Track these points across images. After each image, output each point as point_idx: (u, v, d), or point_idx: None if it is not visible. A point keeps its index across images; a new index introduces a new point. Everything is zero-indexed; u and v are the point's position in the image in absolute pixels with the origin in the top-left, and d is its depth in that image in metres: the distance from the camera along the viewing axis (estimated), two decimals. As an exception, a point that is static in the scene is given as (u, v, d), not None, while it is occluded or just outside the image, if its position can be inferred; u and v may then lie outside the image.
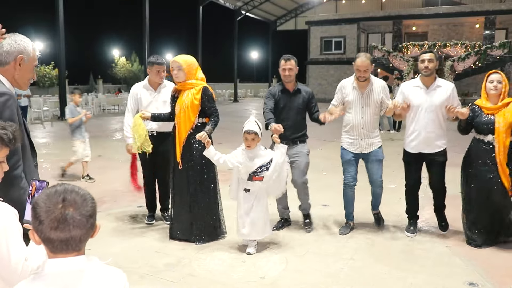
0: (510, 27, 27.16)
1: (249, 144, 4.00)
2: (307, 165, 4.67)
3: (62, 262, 1.29)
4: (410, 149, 4.49)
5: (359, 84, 4.52)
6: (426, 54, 4.36)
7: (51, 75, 26.85)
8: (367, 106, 4.51)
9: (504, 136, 4.00)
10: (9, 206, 1.63)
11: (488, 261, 3.92)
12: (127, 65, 37.84)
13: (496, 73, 4.12)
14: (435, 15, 27.63)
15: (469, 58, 23.08)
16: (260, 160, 4.01)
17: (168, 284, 3.48)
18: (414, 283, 3.50)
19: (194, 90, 4.28)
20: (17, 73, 2.24)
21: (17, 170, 2.07)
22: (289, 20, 37.83)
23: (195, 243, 4.29)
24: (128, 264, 3.81)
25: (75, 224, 1.26)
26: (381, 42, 29.55)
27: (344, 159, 4.65)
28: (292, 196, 4.81)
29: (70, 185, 1.33)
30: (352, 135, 4.58)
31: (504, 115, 4.02)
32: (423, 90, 4.39)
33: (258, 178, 4.01)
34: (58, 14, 16.62)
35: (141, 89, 4.85)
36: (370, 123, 4.54)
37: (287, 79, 4.59)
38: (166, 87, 4.85)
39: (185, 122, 4.25)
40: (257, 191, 4.06)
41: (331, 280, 3.56)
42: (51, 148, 10.75)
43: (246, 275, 3.65)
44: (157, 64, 4.72)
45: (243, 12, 31.91)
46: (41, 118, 16.93)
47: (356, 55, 4.57)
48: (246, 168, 4.01)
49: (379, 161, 4.59)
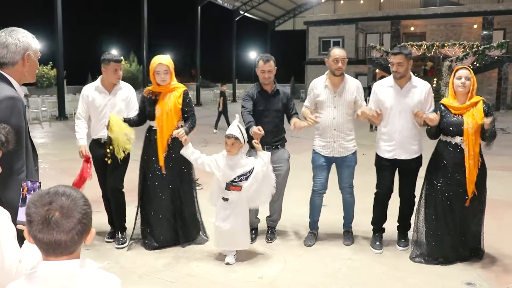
0: (508, 28, 27.19)
1: (229, 149, 3.79)
2: (288, 172, 4.45)
3: (53, 265, 1.28)
4: (383, 154, 4.14)
5: (332, 82, 4.23)
6: (395, 57, 3.96)
7: (49, 75, 26.77)
8: (340, 105, 4.20)
9: (474, 139, 3.66)
10: (1, 207, 1.63)
11: (485, 261, 3.93)
12: (126, 66, 37.77)
13: (464, 69, 3.76)
14: (433, 16, 27.66)
15: (467, 58, 23.11)
16: (241, 169, 3.79)
17: (167, 284, 3.49)
18: (413, 283, 3.51)
19: (176, 93, 4.14)
20: (26, 69, 2.25)
21: (21, 174, 2.06)
22: (288, 20, 37.84)
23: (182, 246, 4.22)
24: (127, 264, 3.82)
25: (59, 229, 1.23)
26: (379, 42, 29.57)
27: (315, 164, 4.35)
28: (294, 198, 4.80)
29: (65, 188, 1.30)
30: (324, 138, 4.28)
31: (473, 115, 3.67)
32: (396, 90, 4.05)
33: (236, 188, 3.78)
34: (56, 13, 16.61)
35: (93, 92, 4.30)
36: (343, 124, 4.22)
37: (266, 81, 4.29)
38: (122, 89, 4.36)
39: (168, 125, 4.07)
40: (236, 201, 3.83)
41: (330, 280, 3.57)
42: (50, 148, 10.74)
43: (245, 275, 3.65)
44: (114, 61, 4.18)
45: (241, 12, 31.92)
46: (40, 118, 16.92)
47: (330, 48, 4.28)
48: (224, 176, 3.80)
49: (351, 167, 4.34)
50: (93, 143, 4.37)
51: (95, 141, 4.35)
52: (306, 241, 4.38)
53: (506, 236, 4.60)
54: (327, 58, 4.23)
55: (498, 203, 5.81)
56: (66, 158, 8.30)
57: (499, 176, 7.30)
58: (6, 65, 2.19)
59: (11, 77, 2.19)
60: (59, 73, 17.73)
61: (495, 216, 5.22)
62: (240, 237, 3.90)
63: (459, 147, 3.72)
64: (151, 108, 4.13)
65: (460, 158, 3.70)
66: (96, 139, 4.35)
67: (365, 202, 4.86)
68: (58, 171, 7.62)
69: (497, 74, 24.68)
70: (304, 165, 5.47)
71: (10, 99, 2.07)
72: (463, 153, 3.69)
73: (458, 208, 3.77)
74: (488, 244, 4.31)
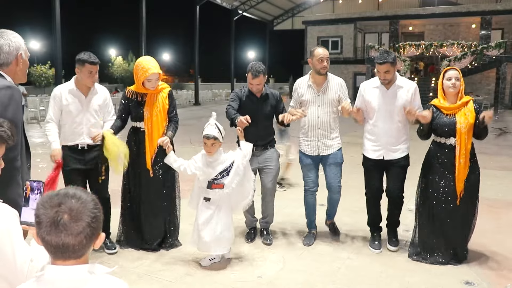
0: (506, 27, 27.22)
1: (209, 150, 3.69)
2: (278, 170, 4.50)
3: (61, 270, 1.26)
4: (370, 155, 4.14)
5: (315, 81, 4.26)
6: (381, 66, 3.89)
7: (48, 75, 26.76)
8: (323, 104, 4.23)
9: (466, 138, 3.68)
10: (9, 207, 1.62)
11: (484, 260, 3.94)
12: (124, 65, 37.79)
13: (453, 70, 3.79)
14: (432, 15, 27.66)
15: (466, 58, 23.13)
16: (221, 165, 3.71)
17: (165, 284, 3.48)
18: (411, 282, 3.52)
19: (163, 94, 4.07)
20: (19, 69, 2.34)
21: (17, 162, 2.11)
22: (286, 19, 37.80)
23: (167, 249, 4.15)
24: (125, 264, 3.81)
25: (67, 232, 1.22)
26: (378, 42, 29.60)
27: (303, 164, 4.39)
28: (293, 197, 4.81)
29: (75, 190, 1.29)
30: (308, 137, 4.31)
31: (465, 114, 3.70)
32: (382, 91, 4.04)
33: (218, 186, 3.70)
34: (54, 13, 16.56)
35: (67, 94, 3.93)
36: (328, 122, 4.25)
37: (256, 91, 4.26)
38: (98, 92, 4.06)
39: (158, 127, 4.00)
40: (218, 200, 3.74)
41: (328, 279, 3.57)
42: (48, 147, 10.69)
43: (244, 275, 3.65)
44: (89, 63, 3.81)
45: (240, 12, 31.87)
46: (38, 118, 16.88)
47: (312, 48, 4.29)
48: (205, 175, 3.73)
49: (337, 164, 4.30)
50: (66, 152, 3.94)
51: (69, 149, 3.96)
52: (305, 241, 4.40)
53: (505, 235, 4.61)
54: (310, 58, 4.25)
55: (496, 203, 5.82)
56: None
57: (497, 176, 7.32)
58: (0, 66, 2.27)
59: (5, 74, 2.28)
60: (57, 72, 17.70)
61: (494, 216, 5.23)
62: (223, 240, 3.77)
63: (454, 148, 3.72)
64: (137, 110, 4.04)
65: (454, 159, 3.72)
66: (70, 146, 3.97)
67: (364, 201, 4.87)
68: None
69: (495, 74, 24.70)
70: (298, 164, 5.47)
71: (8, 89, 2.15)
72: None
73: (451, 208, 3.77)
74: (487, 243, 4.33)
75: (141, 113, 4.01)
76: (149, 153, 4.02)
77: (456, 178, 3.71)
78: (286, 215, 5.17)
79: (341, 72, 29.32)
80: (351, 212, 5.10)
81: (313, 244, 4.34)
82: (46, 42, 22.91)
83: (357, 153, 4.52)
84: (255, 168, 4.27)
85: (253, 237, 4.47)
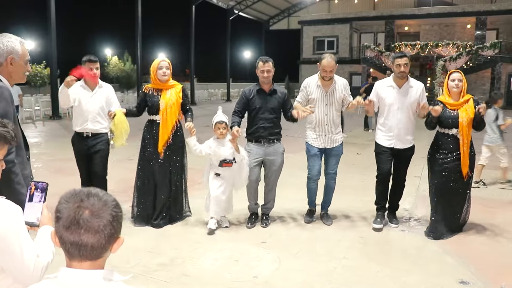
0: (501, 28, 27.36)
1: (221, 133, 4.60)
2: (282, 164, 4.82)
3: (76, 274, 1.24)
4: (383, 143, 4.73)
5: (323, 83, 4.70)
6: (401, 59, 4.59)
7: (43, 74, 26.57)
8: (331, 104, 4.72)
9: (467, 130, 4.40)
10: (13, 204, 1.61)
11: (479, 259, 3.96)
12: (120, 65, 37.64)
13: (457, 73, 4.51)
14: (427, 15, 27.78)
15: (461, 58, 23.24)
16: (227, 146, 4.58)
17: (161, 284, 3.47)
18: (407, 281, 3.52)
19: (176, 89, 4.77)
20: (11, 71, 2.44)
21: (10, 155, 2.14)
22: (282, 19, 37.82)
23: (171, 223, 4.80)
24: (121, 264, 3.79)
25: (87, 228, 1.21)
26: (373, 42, 29.66)
27: (310, 154, 4.86)
28: (291, 197, 4.82)
29: (98, 190, 1.29)
30: (316, 131, 4.79)
31: (466, 110, 4.41)
32: (395, 89, 4.66)
33: (228, 165, 4.59)
34: (49, 12, 16.48)
35: (78, 87, 4.76)
36: (334, 119, 4.76)
37: (265, 80, 4.65)
38: (103, 87, 4.86)
39: (171, 117, 4.68)
40: (225, 176, 4.65)
41: (324, 279, 3.57)
42: (43, 147, 10.68)
43: (239, 275, 3.65)
44: (88, 61, 4.68)
45: (235, 12, 31.86)
46: (33, 118, 16.80)
47: (322, 56, 4.70)
48: (217, 156, 4.62)
49: (338, 156, 4.85)
50: (75, 136, 4.82)
51: (77, 134, 4.79)
52: (306, 218, 4.93)
53: (500, 235, 4.62)
54: (319, 63, 4.68)
55: (491, 202, 5.85)
56: (60, 158, 8.23)
57: (492, 175, 7.33)
58: None
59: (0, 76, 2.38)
60: (53, 72, 17.60)
61: (489, 215, 5.25)
62: (228, 204, 4.75)
63: (455, 137, 4.44)
64: (154, 103, 4.70)
65: (456, 146, 4.42)
66: (78, 132, 4.77)
67: (362, 201, 4.89)
68: (51, 170, 7.57)
69: (490, 74, 24.84)
70: (300, 165, 5.48)
71: None
72: (458, 142, 4.42)
73: (455, 187, 4.46)
74: (482, 242, 4.35)
75: (157, 104, 4.67)
76: (162, 141, 4.67)
77: (462, 163, 4.42)
78: (282, 214, 5.17)
79: (336, 72, 29.36)
80: (349, 211, 5.10)
81: (309, 244, 4.35)
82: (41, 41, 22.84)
83: (353, 152, 4.61)
84: (261, 160, 4.72)
85: (254, 221, 4.86)
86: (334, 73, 4.67)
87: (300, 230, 4.70)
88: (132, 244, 4.28)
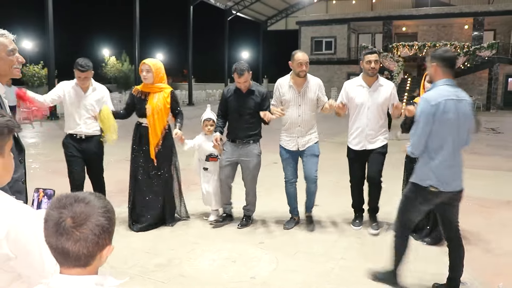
0: (498, 28, 27.42)
1: (209, 130, 4.81)
2: (257, 166, 4.75)
3: (66, 280, 1.20)
4: (353, 146, 4.61)
5: (295, 82, 4.57)
6: (372, 55, 4.45)
7: (40, 75, 26.56)
8: (304, 104, 4.58)
9: None
10: (31, 208, 1.54)
11: (476, 260, 3.96)
12: (117, 65, 37.59)
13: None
14: (425, 16, 27.81)
15: (458, 58, 23.26)
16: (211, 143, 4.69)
17: (158, 285, 3.47)
18: (404, 282, 3.52)
19: (164, 93, 4.63)
20: None
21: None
22: (280, 20, 37.84)
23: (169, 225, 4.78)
24: (118, 265, 3.79)
25: (67, 236, 1.15)
26: (371, 42, 29.69)
27: (283, 157, 4.76)
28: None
29: (87, 194, 1.22)
30: (289, 133, 4.67)
31: None
32: (365, 89, 4.53)
33: (214, 159, 4.81)
34: (47, 12, 16.45)
35: (70, 88, 4.66)
36: (307, 120, 4.62)
37: (242, 88, 4.62)
38: (96, 89, 4.74)
39: (160, 122, 4.60)
40: (212, 170, 4.87)
41: (322, 279, 3.58)
42: (40, 148, 10.65)
43: (237, 275, 3.65)
44: (77, 69, 4.50)
45: (233, 12, 31.87)
46: (30, 118, 16.74)
47: (292, 53, 4.57)
48: (204, 151, 4.83)
49: (314, 156, 4.64)
50: (68, 138, 4.68)
51: (70, 136, 4.67)
52: (286, 225, 4.76)
53: (496, 235, 4.64)
54: (291, 61, 4.55)
55: (488, 202, 5.86)
56: (57, 158, 8.18)
57: (489, 175, 7.37)
58: None
59: None
60: (50, 72, 17.57)
61: (486, 215, 5.27)
62: (216, 196, 4.90)
63: None
64: (141, 106, 4.62)
65: None
66: (71, 134, 4.66)
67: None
68: (48, 171, 7.57)
69: (488, 75, 24.88)
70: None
71: None
72: None
73: None
74: (479, 242, 4.35)
75: (144, 109, 4.57)
76: (153, 146, 4.60)
77: None
78: (279, 215, 5.17)
79: (334, 73, 29.44)
80: (346, 213, 5.11)
81: (307, 244, 4.35)
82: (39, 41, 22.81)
83: (343, 154, 4.58)
84: (234, 160, 4.70)
85: (221, 221, 4.89)
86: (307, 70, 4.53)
87: (297, 231, 4.71)
88: (130, 245, 4.29)
